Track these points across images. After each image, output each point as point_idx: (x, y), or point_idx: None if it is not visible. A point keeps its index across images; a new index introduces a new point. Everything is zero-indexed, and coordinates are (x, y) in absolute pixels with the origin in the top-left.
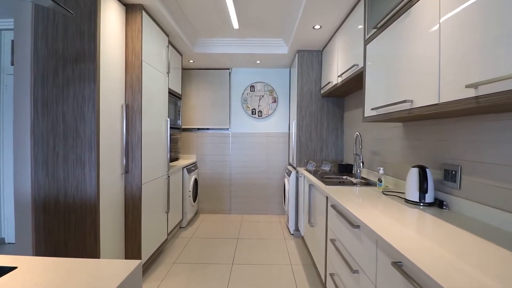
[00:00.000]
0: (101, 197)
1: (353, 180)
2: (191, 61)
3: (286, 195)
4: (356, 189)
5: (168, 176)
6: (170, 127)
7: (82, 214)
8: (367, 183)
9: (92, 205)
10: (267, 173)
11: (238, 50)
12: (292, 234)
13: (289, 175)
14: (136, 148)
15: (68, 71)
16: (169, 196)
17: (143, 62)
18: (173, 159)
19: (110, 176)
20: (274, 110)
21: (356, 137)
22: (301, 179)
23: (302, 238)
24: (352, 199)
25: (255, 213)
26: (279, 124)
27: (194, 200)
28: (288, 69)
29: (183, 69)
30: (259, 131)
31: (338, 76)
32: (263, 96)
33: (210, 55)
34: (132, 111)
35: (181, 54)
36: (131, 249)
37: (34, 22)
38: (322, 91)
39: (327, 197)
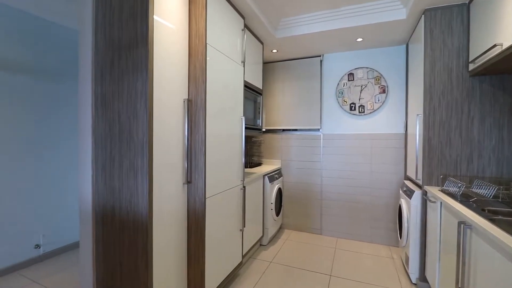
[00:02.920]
0: (158, 212)
1: None
2: (274, 50)
3: (404, 223)
4: None
5: (244, 186)
6: (249, 128)
7: (134, 233)
8: None
9: (144, 223)
10: (371, 188)
11: (331, 25)
12: (415, 284)
13: (409, 196)
14: (199, 153)
15: (123, 61)
16: (245, 210)
17: (207, 45)
18: (255, 164)
19: (169, 187)
20: (383, 103)
21: None
22: (433, 206)
23: None
24: None
25: (354, 239)
26: (390, 122)
27: (278, 214)
28: (404, 45)
29: (266, 62)
30: (360, 132)
31: None
32: (366, 85)
33: (296, 38)
34: (195, 108)
35: (262, 43)
36: (194, 276)
37: (95, 10)
38: (471, 67)
39: None
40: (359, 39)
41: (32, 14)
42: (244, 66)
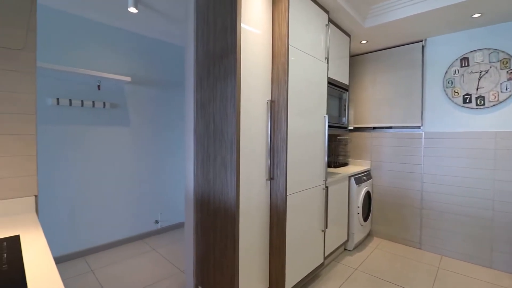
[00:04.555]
0: (244, 203)
1: None
2: (363, 42)
3: None
4: None
5: (326, 187)
6: (333, 126)
7: (225, 220)
8: None
9: (232, 212)
10: (493, 200)
11: (437, 3)
12: None
13: None
14: (281, 152)
15: (216, 70)
16: (327, 211)
17: (289, 46)
18: (340, 164)
19: (254, 182)
20: None
21: None
22: None
23: None
24: None
25: (466, 260)
26: None
27: (365, 219)
28: None
29: (354, 55)
30: (478, 130)
31: None
32: (487, 71)
33: (390, 24)
34: (277, 108)
35: (348, 35)
36: (275, 268)
37: (195, 28)
38: None
39: None
40: (476, 15)
41: (149, 37)
42: (327, 63)
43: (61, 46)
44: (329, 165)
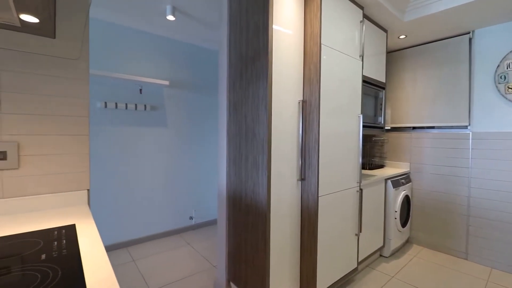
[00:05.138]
0: (275, 202)
1: None
2: (401, 37)
3: None
4: None
5: (361, 189)
6: (368, 126)
7: (256, 218)
8: None
9: (263, 210)
10: None
11: None
12: None
13: None
14: (313, 152)
15: (249, 72)
16: (361, 214)
17: (322, 45)
18: (376, 166)
19: (285, 182)
20: None
21: None
22: None
23: None
24: None
25: None
26: None
27: (404, 225)
28: None
29: (391, 51)
30: None
31: None
32: None
33: (433, 17)
34: (309, 108)
35: (385, 30)
36: (306, 269)
37: (228, 32)
38: None
39: None
40: None
41: (186, 43)
42: (362, 60)
43: (107, 54)
44: (364, 166)
